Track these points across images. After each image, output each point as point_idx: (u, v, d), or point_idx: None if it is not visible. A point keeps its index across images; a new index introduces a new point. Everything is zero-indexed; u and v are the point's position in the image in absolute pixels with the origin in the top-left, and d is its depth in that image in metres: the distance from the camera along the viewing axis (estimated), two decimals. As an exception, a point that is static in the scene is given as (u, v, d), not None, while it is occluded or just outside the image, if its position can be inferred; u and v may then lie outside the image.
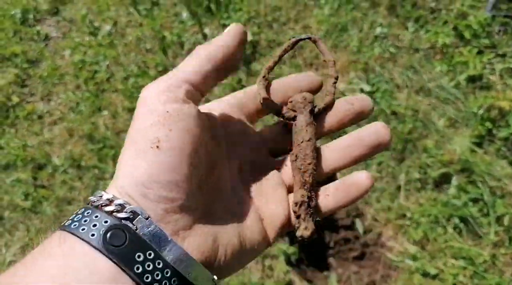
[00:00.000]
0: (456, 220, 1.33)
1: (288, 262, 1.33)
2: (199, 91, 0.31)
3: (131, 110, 1.53)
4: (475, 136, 1.46)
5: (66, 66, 1.69)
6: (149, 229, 0.26)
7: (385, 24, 1.70)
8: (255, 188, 0.35)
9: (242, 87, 1.59)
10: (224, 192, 0.33)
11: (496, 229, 1.30)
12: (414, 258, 1.30)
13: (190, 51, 1.68)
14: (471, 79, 1.58)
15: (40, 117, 1.59)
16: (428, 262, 1.28)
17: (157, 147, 0.28)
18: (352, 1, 1.73)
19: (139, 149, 0.28)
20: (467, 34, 1.61)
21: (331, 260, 1.43)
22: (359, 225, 1.40)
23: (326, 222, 1.40)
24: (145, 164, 0.27)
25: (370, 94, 1.57)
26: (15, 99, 1.63)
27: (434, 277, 1.25)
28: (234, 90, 1.56)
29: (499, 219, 1.32)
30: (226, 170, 0.34)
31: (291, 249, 1.32)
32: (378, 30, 1.68)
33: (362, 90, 1.57)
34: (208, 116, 0.33)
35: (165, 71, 1.61)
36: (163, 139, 0.28)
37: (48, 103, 1.63)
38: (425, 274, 1.26)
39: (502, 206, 1.32)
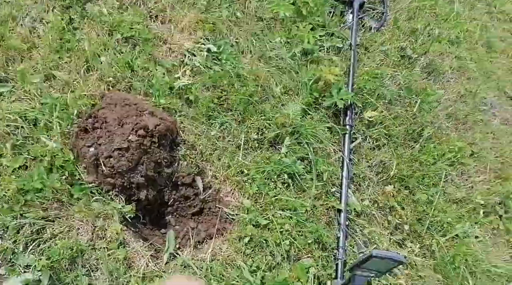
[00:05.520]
0: (285, 176, 1.46)
1: (123, 221, 1.26)
2: None
3: None
4: (305, 103, 1.62)
5: None
6: None
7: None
8: None
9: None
10: None
11: (317, 184, 1.48)
12: (248, 211, 1.38)
13: None
14: (305, 53, 1.74)
15: None
16: (260, 214, 1.37)
17: None
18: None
19: None
20: (304, 11, 1.76)
21: (169, 217, 1.40)
22: (199, 183, 1.41)
23: (167, 180, 1.36)
24: None
25: (216, 54, 1.58)
26: None
27: (265, 226, 1.35)
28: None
29: (319, 176, 1.50)
30: None
31: (127, 208, 1.24)
32: (226, -7, 1.70)
33: (209, 50, 1.57)
34: None
35: None
36: None
37: None
38: (257, 225, 1.35)
39: (322, 164, 1.51)
